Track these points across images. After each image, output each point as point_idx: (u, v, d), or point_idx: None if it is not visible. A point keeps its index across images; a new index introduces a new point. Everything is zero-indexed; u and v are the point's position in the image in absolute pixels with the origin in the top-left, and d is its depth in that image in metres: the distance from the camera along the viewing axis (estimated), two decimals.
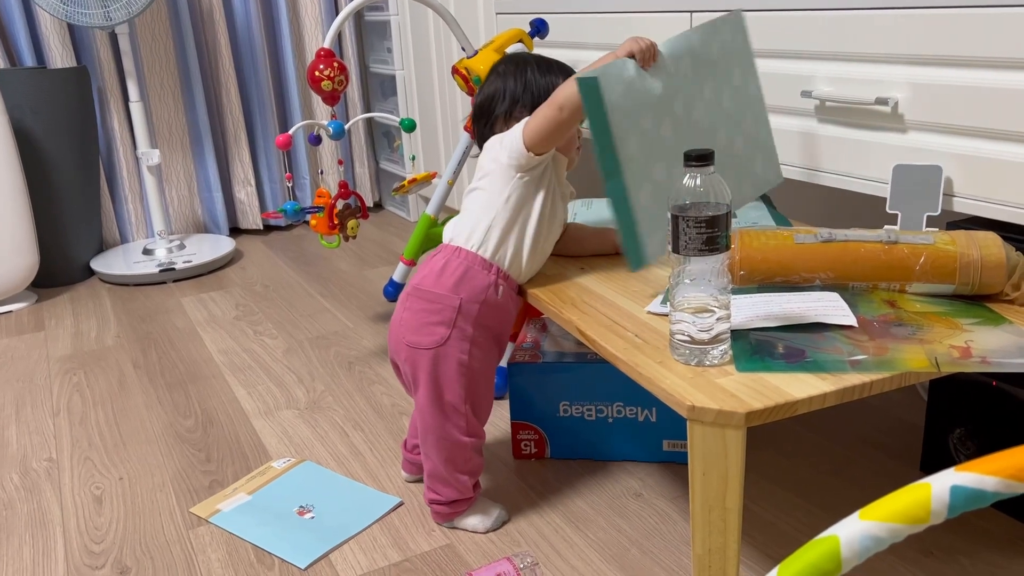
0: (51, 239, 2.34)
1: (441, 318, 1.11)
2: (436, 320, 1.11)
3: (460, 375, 1.12)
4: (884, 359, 0.83)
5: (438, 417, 1.13)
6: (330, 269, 2.44)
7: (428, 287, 1.12)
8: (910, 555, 1.08)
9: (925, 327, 0.90)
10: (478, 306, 1.11)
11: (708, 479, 0.80)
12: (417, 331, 1.12)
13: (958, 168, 1.09)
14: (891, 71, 1.15)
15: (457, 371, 1.11)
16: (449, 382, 1.12)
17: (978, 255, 0.97)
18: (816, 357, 0.84)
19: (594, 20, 1.69)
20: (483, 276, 1.11)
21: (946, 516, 0.42)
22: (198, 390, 1.69)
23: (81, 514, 1.29)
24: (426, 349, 1.11)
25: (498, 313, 1.14)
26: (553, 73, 1.18)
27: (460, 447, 1.14)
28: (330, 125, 1.70)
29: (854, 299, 0.97)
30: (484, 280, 1.11)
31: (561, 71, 1.18)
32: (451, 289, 1.11)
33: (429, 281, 1.12)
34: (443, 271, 1.12)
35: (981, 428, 1.15)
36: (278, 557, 1.15)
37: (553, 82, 1.15)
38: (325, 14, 2.80)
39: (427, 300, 1.12)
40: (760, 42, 1.33)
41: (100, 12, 2.22)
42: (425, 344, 1.11)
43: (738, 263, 1.01)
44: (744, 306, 0.95)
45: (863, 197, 1.24)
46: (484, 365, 1.15)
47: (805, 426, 1.40)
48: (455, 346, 1.11)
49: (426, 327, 1.11)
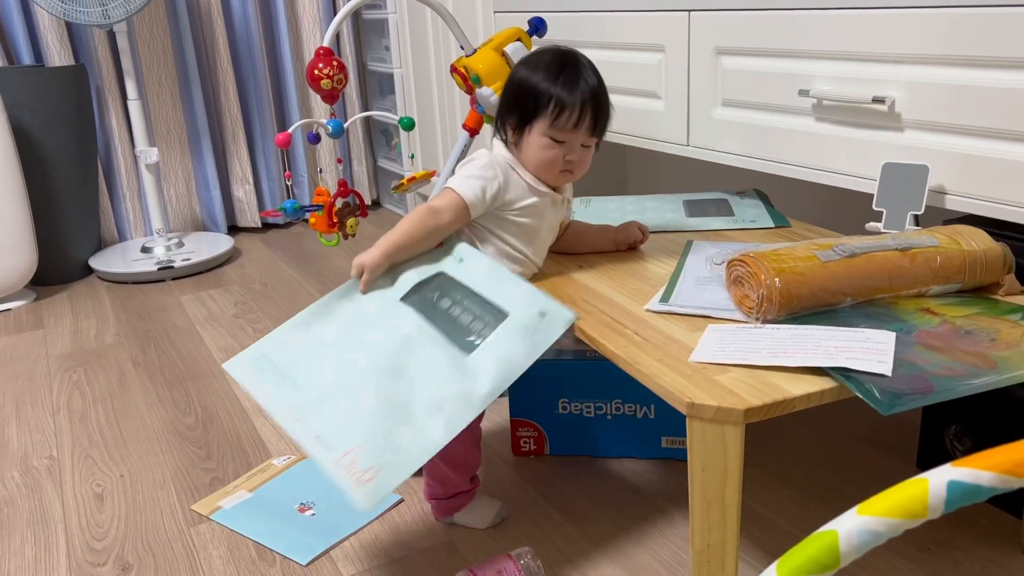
0: (50, 237, 2.34)
1: None
2: None
3: None
4: (1000, 369, 0.82)
5: None
6: (329, 267, 2.44)
7: None
8: (907, 550, 1.09)
9: (988, 330, 0.90)
10: None
11: (707, 475, 0.81)
12: None
13: (954, 167, 1.10)
14: (888, 70, 1.16)
15: None
16: None
17: (980, 249, 0.98)
18: (939, 384, 0.80)
19: (592, 18, 1.69)
20: None
21: (943, 511, 0.43)
22: (198, 388, 1.69)
23: (82, 511, 1.29)
24: None
25: None
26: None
27: (457, 440, 1.15)
28: (329, 123, 1.70)
29: (891, 313, 0.94)
30: None
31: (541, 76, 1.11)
32: None
33: None
34: None
35: (977, 425, 1.16)
36: (279, 554, 1.16)
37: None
38: (323, 12, 2.80)
39: None
40: (757, 41, 1.34)
41: (98, 10, 2.22)
42: None
43: (779, 293, 0.92)
44: (784, 338, 0.90)
45: (857, 195, 1.24)
46: None
47: (803, 423, 1.41)
48: None
49: None
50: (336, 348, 0.98)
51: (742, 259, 0.97)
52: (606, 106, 1.13)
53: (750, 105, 1.39)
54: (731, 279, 1.00)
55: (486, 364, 0.96)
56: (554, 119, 1.08)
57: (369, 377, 0.94)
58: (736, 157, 1.44)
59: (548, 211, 1.15)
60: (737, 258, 0.98)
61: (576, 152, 1.11)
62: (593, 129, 1.11)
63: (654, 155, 2.06)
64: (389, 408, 0.92)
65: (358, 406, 0.92)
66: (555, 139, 1.10)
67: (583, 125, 1.10)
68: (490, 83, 1.45)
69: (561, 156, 1.11)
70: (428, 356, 0.97)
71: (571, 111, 1.08)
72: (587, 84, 1.10)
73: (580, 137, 1.11)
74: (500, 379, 0.95)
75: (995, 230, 1.04)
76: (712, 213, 1.45)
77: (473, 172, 1.10)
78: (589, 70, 1.12)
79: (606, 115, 1.13)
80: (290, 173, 2.07)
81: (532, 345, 0.98)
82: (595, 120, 1.11)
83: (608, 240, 1.27)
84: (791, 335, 0.90)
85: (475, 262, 1.06)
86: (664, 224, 1.40)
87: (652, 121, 1.61)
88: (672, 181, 2.21)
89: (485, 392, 0.94)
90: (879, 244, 0.98)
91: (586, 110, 1.09)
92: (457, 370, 0.95)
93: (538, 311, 1.01)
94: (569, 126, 1.09)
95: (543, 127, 1.09)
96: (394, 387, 0.94)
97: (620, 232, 1.27)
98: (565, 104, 1.08)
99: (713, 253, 1.20)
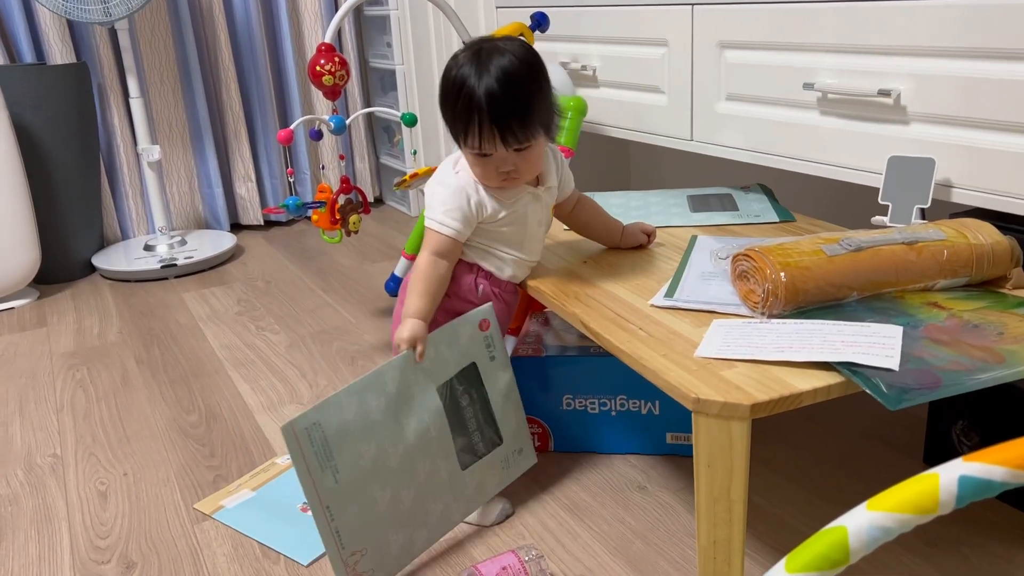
0: (52, 236, 2.34)
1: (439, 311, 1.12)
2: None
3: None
4: (1008, 363, 0.81)
5: None
6: (331, 264, 2.44)
7: None
8: (915, 546, 1.08)
9: (996, 324, 0.89)
10: (463, 302, 1.14)
11: (713, 471, 0.81)
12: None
13: (961, 160, 1.09)
14: (893, 63, 1.15)
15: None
16: None
17: (987, 243, 0.97)
18: (947, 379, 0.79)
19: (595, 13, 1.68)
20: (467, 277, 1.14)
21: (954, 506, 0.42)
22: (201, 385, 1.69)
23: (86, 509, 1.29)
24: None
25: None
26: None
27: None
28: (331, 120, 1.69)
29: (897, 308, 0.93)
30: (468, 280, 1.13)
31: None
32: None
33: None
34: None
35: (984, 420, 1.16)
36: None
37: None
38: (325, 9, 2.79)
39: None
40: (762, 34, 1.33)
41: (100, 8, 2.21)
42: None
43: (784, 288, 0.91)
44: (789, 333, 0.89)
45: (862, 188, 1.23)
46: None
47: (809, 418, 1.40)
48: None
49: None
50: (378, 430, 1.03)
51: (747, 254, 0.96)
52: (518, 110, 1.00)
53: (754, 99, 1.38)
54: (736, 274, 0.99)
55: (470, 486, 1.13)
56: (464, 141, 1.04)
57: (389, 478, 1.04)
58: (740, 152, 1.43)
59: (530, 208, 1.13)
60: (742, 253, 0.98)
61: (508, 162, 1.04)
62: (504, 141, 1.01)
63: (658, 150, 2.05)
64: (393, 515, 1.05)
65: (372, 508, 1.03)
66: (479, 154, 1.04)
67: (492, 142, 1.02)
68: None
69: (494, 168, 1.05)
70: (434, 467, 1.09)
71: (472, 133, 1.01)
72: (479, 98, 0.99)
73: (499, 150, 1.03)
74: (472, 504, 1.15)
75: (1002, 223, 1.03)
76: (716, 208, 1.44)
77: (447, 204, 1.07)
78: (490, 75, 0.99)
79: (521, 120, 1.01)
80: (292, 170, 2.07)
81: (503, 477, 1.18)
82: (502, 133, 1.01)
83: (613, 239, 1.27)
84: (797, 330, 0.89)
85: (501, 369, 1.16)
86: (668, 219, 1.39)
87: (655, 116, 1.60)
88: (676, 176, 2.20)
89: (459, 516, 1.13)
90: (885, 238, 0.97)
91: (485, 128, 1.00)
92: (450, 487, 1.11)
93: (519, 447, 1.19)
94: (476, 147, 1.03)
95: (464, 147, 1.06)
96: (403, 492, 1.06)
97: (626, 236, 1.27)
98: (467, 130, 1.02)
99: (718, 248, 1.19)
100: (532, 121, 1.02)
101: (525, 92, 1.01)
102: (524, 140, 1.03)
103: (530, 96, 1.02)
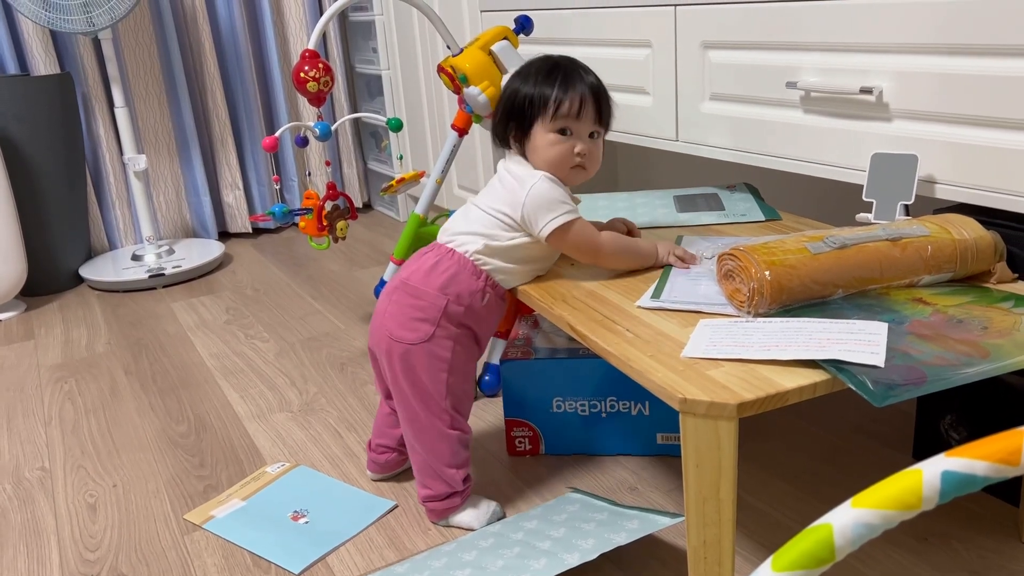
0: (39, 247, 2.33)
1: (426, 315, 1.11)
2: (421, 316, 1.11)
3: (442, 371, 1.12)
4: (993, 357, 0.81)
5: (422, 411, 1.13)
6: (320, 270, 2.43)
7: (416, 283, 1.12)
8: (906, 541, 1.08)
9: (980, 318, 0.89)
10: (463, 308, 1.12)
11: (702, 471, 0.81)
12: (402, 325, 1.12)
13: (943, 156, 1.10)
14: (875, 60, 1.15)
15: (440, 367, 1.12)
16: (432, 378, 1.12)
17: (971, 238, 0.98)
18: (932, 374, 0.79)
19: (578, 15, 1.69)
20: (472, 282, 1.12)
21: (938, 502, 0.42)
22: (190, 395, 1.68)
23: (75, 522, 1.28)
24: (410, 344, 1.11)
25: (482, 316, 1.15)
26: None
27: (446, 439, 1.15)
28: (316, 126, 1.69)
29: (882, 304, 0.94)
30: (473, 285, 1.12)
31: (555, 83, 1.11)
32: (439, 288, 1.11)
33: (418, 277, 1.12)
34: (433, 269, 1.12)
35: (972, 414, 1.16)
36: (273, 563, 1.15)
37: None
38: (309, 15, 2.79)
39: (414, 296, 1.12)
40: (743, 34, 1.34)
41: (83, 18, 2.21)
42: (409, 339, 1.11)
43: (770, 286, 0.91)
44: (775, 332, 0.89)
45: (846, 186, 1.24)
46: (465, 362, 1.15)
47: (798, 415, 1.40)
48: (438, 343, 1.12)
49: (411, 322, 1.11)
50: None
51: (733, 253, 0.97)
52: (607, 97, 1.13)
53: (738, 99, 1.38)
54: (722, 273, 1.00)
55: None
56: (555, 111, 1.09)
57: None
58: (725, 151, 1.44)
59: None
60: (728, 252, 0.98)
61: (585, 142, 1.11)
62: (598, 115, 1.11)
63: (644, 151, 2.05)
64: None
65: None
66: (561, 131, 1.10)
67: (586, 112, 1.10)
68: (477, 82, 1.44)
69: (571, 149, 1.10)
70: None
71: (571, 101, 1.09)
72: (583, 79, 1.11)
73: (586, 125, 1.11)
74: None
75: (985, 218, 1.03)
76: (702, 208, 1.44)
77: (554, 197, 1.10)
78: (584, 70, 1.13)
79: (608, 105, 1.13)
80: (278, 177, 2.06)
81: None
82: (598, 106, 1.11)
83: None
84: (783, 328, 0.89)
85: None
86: (654, 220, 1.39)
87: (641, 117, 1.61)
88: (662, 177, 2.21)
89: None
90: (869, 235, 0.97)
91: (586, 98, 1.10)
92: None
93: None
94: (572, 114, 1.09)
95: (546, 124, 1.10)
96: None
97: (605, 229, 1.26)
98: (564, 97, 1.09)
99: (704, 248, 1.19)
100: (611, 113, 1.14)
101: (609, 94, 1.14)
102: (606, 125, 1.14)
103: (609, 95, 1.14)
